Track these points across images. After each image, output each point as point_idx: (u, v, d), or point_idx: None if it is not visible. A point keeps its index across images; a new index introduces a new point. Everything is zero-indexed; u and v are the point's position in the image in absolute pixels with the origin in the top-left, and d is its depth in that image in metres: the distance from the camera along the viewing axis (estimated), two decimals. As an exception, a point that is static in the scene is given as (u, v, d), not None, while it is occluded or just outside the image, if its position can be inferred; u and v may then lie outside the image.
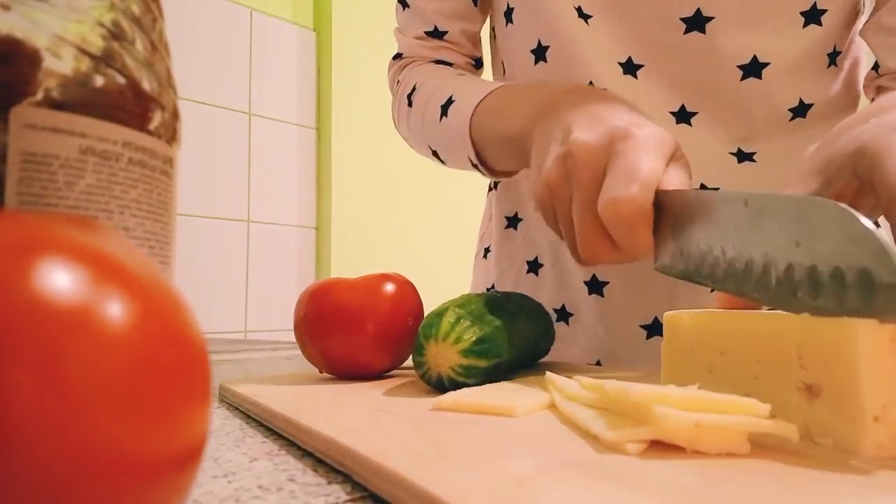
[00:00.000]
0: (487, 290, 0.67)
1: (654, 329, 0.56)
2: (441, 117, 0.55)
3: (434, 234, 1.84)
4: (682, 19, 0.51)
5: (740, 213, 0.28)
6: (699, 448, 0.21)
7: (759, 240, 0.26)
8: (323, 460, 0.25)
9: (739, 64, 0.51)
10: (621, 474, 0.19)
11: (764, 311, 0.29)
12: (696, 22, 0.50)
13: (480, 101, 0.51)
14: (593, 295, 0.59)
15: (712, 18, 0.50)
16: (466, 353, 0.35)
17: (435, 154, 0.60)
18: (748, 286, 0.27)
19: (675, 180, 0.35)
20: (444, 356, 0.35)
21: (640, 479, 0.18)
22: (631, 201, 0.33)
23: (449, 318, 0.35)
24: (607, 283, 0.58)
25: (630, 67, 0.53)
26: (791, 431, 0.21)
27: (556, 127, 0.40)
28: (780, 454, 0.21)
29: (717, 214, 0.29)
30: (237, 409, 0.37)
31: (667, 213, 0.33)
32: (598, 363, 0.59)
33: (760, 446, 0.22)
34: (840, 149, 0.32)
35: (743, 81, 0.52)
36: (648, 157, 0.34)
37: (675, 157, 0.37)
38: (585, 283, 0.59)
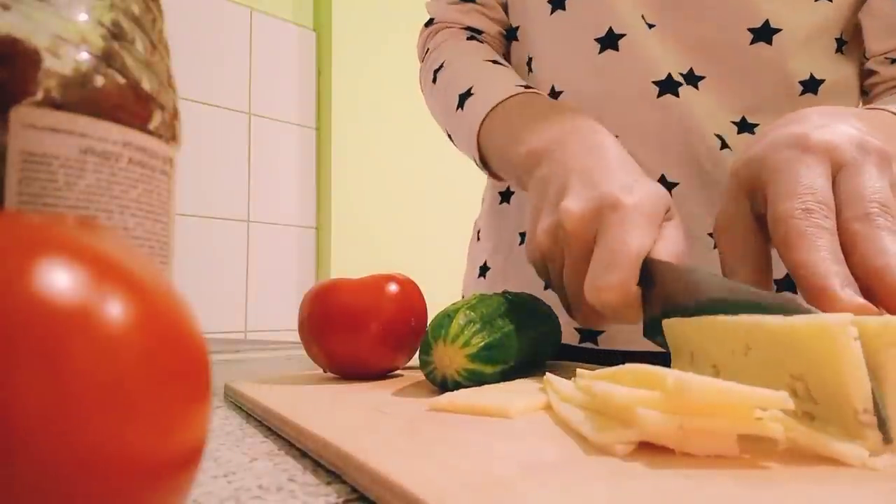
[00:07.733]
0: (480, 268, 0.68)
1: None
2: (457, 108, 0.56)
3: (434, 234, 1.84)
4: None
5: (726, 312, 0.27)
6: (687, 450, 0.21)
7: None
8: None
9: (750, 27, 0.51)
10: (605, 476, 0.19)
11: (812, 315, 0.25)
12: None
13: (493, 107, 0.51)
14: None
15: None
16: (473, 357, 0.34)
17: (449, 136, 0.61)
18: None
19: (664, 251, 0.35)
20: (451, 358, 0.34)
21: (622, 482, 0.18)
22: (613, 289, 0.33)
23: (459, 319, 0.35)
24: None
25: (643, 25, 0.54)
26: (777, 432, 0.21)
27: (551, 185, 0.40)
28: (770, 456, 0.21)
29: (703, 306, 0.29)
30: (238, 408, 0.37)
31: (656, 283, 0.33)
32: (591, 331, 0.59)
33: (751, 449, 0.22)
34: (748, 158, 0.34)
35: (752, 45, 0.52)
36: (636, 231, 0.34)
37: (668, 218, 0.37)
38: None
